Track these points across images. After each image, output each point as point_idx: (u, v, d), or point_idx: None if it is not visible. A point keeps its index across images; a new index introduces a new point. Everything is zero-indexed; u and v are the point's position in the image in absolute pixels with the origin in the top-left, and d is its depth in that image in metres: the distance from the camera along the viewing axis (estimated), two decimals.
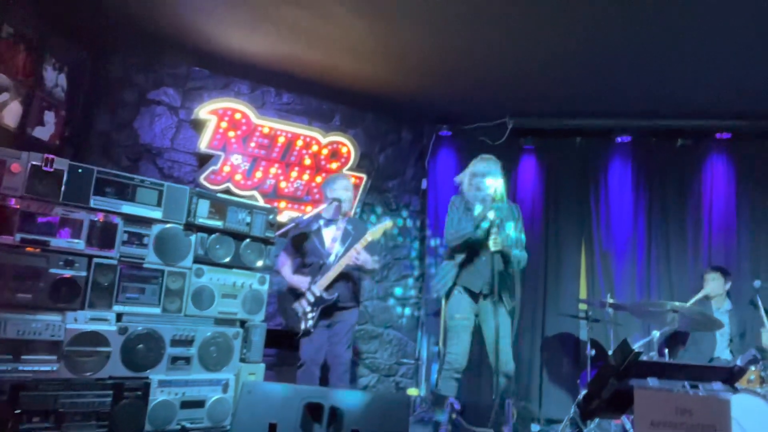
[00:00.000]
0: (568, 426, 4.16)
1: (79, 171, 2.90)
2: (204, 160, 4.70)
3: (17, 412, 2.58)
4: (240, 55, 4.56)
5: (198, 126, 4.71)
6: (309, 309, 3.82)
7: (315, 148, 5.08)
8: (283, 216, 4.71)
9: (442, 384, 3.87)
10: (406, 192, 5.78)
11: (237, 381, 3.28)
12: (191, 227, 3.26)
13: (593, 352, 4.46)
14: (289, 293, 3.98)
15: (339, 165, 5.20)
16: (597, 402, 2.40)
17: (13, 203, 2.73)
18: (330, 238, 4.02)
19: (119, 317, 2.98)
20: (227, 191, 4.59)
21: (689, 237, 5.22)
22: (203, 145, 4.66)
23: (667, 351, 4.46)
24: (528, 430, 4.53)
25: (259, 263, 3.55)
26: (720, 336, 4.46)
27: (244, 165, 4.77)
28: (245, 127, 4.77)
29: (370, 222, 5.38)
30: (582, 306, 5.16)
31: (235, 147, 4.74)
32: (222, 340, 3.29)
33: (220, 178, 4.68)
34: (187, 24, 4.12)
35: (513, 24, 3.80)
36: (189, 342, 3.16)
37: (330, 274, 3.83)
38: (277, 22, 3.98)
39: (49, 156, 2.82)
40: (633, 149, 5.42)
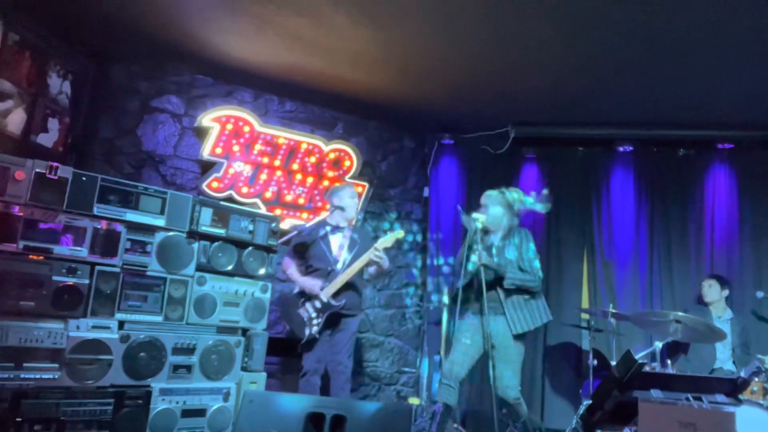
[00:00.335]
0: None
1: (83, 179, 2.92)
2: (207, 167, 4.71)
3: (18, 420, 2.58)
4: (243, 64, 4.58)
5: (201, 133, 4.72)
6: (315, 315, 3.81)
7: (317, 156, 5.09)
8: (285, 223, 4.71)
9: (437, 389, 3.86)
10: (407, 200, 5.78)
11: (238, 390, 3.28)
12: (194, 235, 3.27)
13: (595, 362, 4.43)
14: (295, 298, 3.95)
15: (341, 173, 5.21)
16: (600, 414, 2.39)
17: (17, 210, 2.74)
18: (337, 245, 4.02)
19: (121, 325, 2.98)
20: (229, 199, 4.59)
21: (691, 247, 5.21)
22: (206, 153, 4.67)
23: (670, 362, 4.44)
24: None
25: (262, 271, 3.55)
26: (722, 346, 4.45)
27: (246, 173, 4.78)
28: (248, 135, 4.78)
29: (370, 226, 5.39)
30: (584, 315, 5.14)
31: (238, 155, 4.75)
32: (223, 348, 3.28)
33: (222, 185, 4.68)
34: (191, 33, 4.14)
35: (515, 33, 3.81)
36: (190, 350, 3.16)
37: (338, 281, 3.83)
38: (281, 31, 4.00)
39: (54, 164, 2.83)
40: (635, 159, 5.42)
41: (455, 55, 4.18)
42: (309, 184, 5.07)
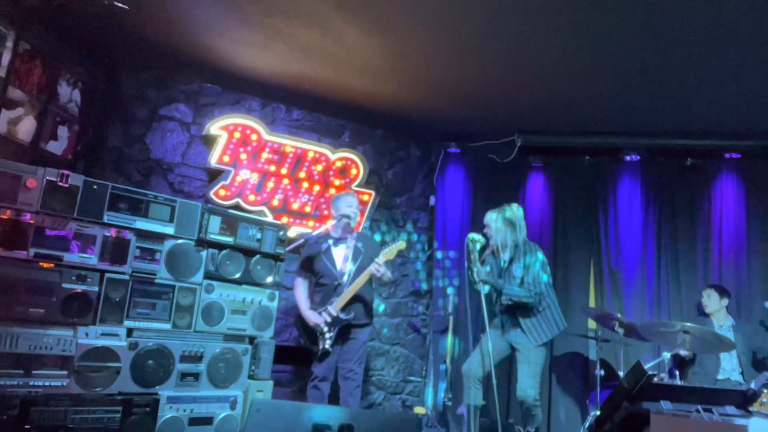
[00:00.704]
0: None
1: (94, 187, 2.93)
2: (214, 175, 4.73)
3: (27, 427, 2.58)
4: (251, 73, 4.61)
5: (209, 142, 4.75)
6: (326, 329, 3.84)
7: (324, 164, 5.10)
8: (292, 231, 4.72)
9: (464, 393, 4.01)
10: (414, 208, 5.78)
11: (245, 398, 3.27)
12: (202, 243, 3.28)
13: (602, 372, 4.41)
14: None
15: (348, 181, 5.22)
16: (609, 425, 2.38)
17: (28, 218, 2.75)
18: (341, 257, 4.03)
19: (130, 332, 2.99)
20: (236, 206, 4.60)
21: (699, 256, 5.18)
22: (214, 161, 4.69)
23: (678, 373, 4.41)
24: None
25: (269, 279, 3.56)
26: (728, 356, 4.41)
27: (253, 180, 4.80)
28: (255, 143, 4.80)
29: (377, 235, 5.39)
30: (591, 325, 5.11)
31: (245, 163, 4.77)
32: (231, 356, 3.28)
33: (229, 193, 4.70)
34: (201, 42, 4.17)
35: (522, 43, 3.82)
36: (198, 358, 3.16)
37: (345, 294, 3.86)
38: (290, 41, 4.03)
39: (65, 171, 2.85)
40: (642, 168, 5.41)
41: (462, 64, 4.19)
42: (315, 192, 5.08)
